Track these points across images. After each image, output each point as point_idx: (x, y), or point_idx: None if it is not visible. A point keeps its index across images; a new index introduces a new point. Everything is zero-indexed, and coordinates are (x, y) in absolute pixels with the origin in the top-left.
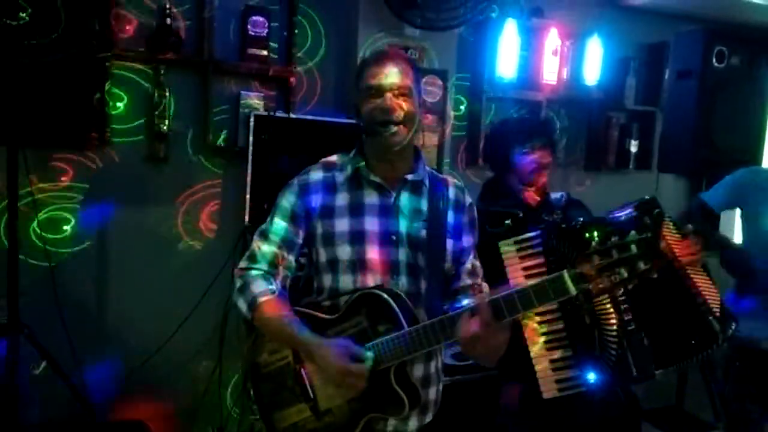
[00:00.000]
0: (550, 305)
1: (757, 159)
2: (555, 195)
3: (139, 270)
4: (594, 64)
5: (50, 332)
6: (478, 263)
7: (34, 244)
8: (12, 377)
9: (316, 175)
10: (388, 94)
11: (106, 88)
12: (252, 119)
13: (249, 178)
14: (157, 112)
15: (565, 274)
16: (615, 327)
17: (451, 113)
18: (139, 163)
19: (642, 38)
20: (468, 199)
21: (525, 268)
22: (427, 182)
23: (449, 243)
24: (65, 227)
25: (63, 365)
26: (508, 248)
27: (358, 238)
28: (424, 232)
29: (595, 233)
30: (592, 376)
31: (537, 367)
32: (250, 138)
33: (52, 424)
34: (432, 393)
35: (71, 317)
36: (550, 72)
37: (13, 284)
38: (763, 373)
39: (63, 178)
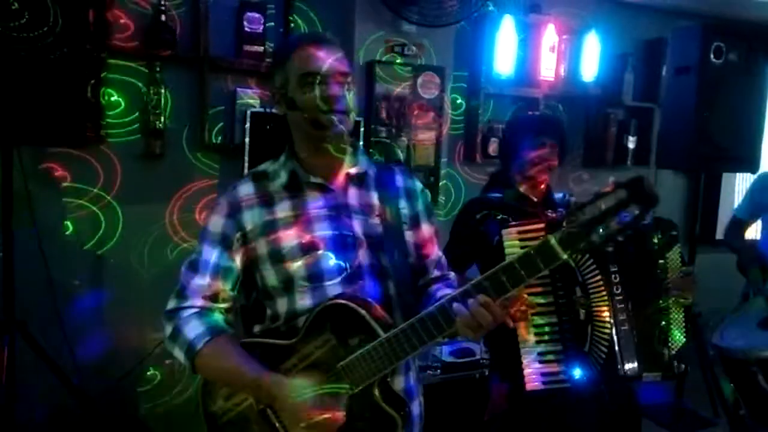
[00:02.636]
0: (548, 298)
1: (754, 155)
2: (558, 194)
3: (135, 267)
4: (592, 60)
5: (47, 330)
6: (440, 253)
7: (29, 241)
8: (10, 375)
9: (246, 189)
10: (332, 81)
11: (102, 85)
12: (248, 116)
13: None
14: (152, 109)
15: (551, 237)
16: (609, 324)
17: (449, 110)
18: (135, 160)
19: (640, 34)
20: (419, 184)
21: None
22: (372, 173)
23: (408, 235)
24: (61, 224)
25: (60, 363)
26: (511, 237)
27: (310, 248)
28: (380, 228)
29: None
30: (577, 372)
31: (524, 359)
32: (247, 135)
33: (49, 423)
34: (415, 407)
35: (68, 315)
36: (548, 68)
37: (9, 282)
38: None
39: (58, 176)
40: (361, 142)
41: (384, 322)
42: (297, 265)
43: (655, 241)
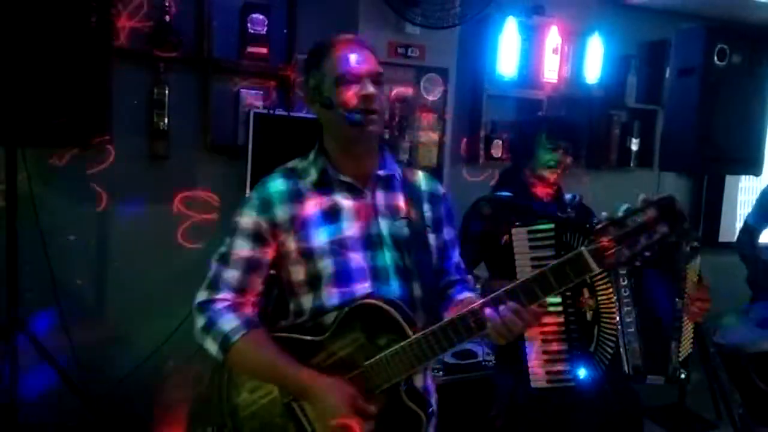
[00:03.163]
0: (555, 298)
1: (758, 157)
2: (568, 196)
3: (138, 268)
4: (595, 62)
5: (49, 330)
6: (460, 258)
7: (33, 241)
8: (12, 374)
9: (277, 185)
10: (367, 81)
11: (106, 86)
12: (252, 117)
13: (249, 177)
14: (156, 110)
15: (584, 250)
16: (615, 326)
17: (452, 111)
18: (139, 161)
19: (643, 36)
20: (441, 189)
21: (533, 258)
22: (398, 176)
23: (431, 238)
24: (64, 225)
25: (62, 363)
26: (520, 237)
27: (339, 246)
28: (406, 230)
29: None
30: (582, 372)
31: (530, 358)
32: (250, 136)
33: (51, 422)
34: (432, 405)
35: (71, 315)
36: (551, 70)
37: (12, 282)
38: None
39: (62, 177)
40: None
41: (412, 323)
42: (325, 263)
43: (681, 249)
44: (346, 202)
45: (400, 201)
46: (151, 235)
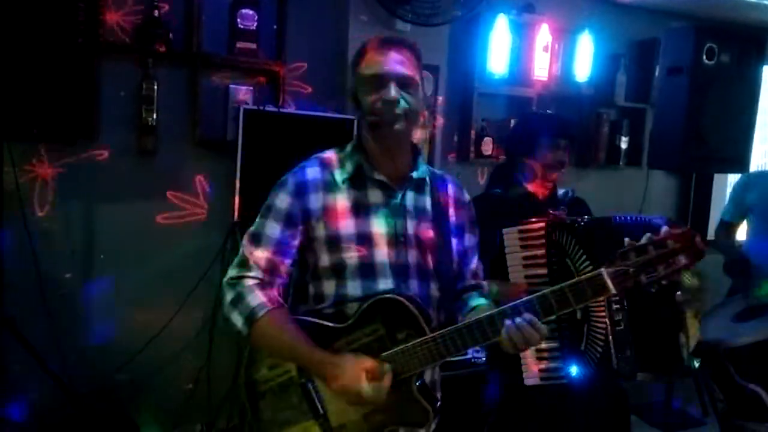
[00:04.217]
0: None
1: (745, 156)
2: (561, 191)
3: (126, 264)
4: (585, 60)
5: (36, 327)
6: (480, 264)
7: (19, 237)
8: None
9: (314, 173)
10: (392, 84)
11: (94, 80)
12: (241, 113)
13: (238, 173)
14: (145, 105)
15: (604, 272)
16: (605, 324)
17: (442, 109)
18: (127, 156)
19: (632, 35)
20: (467, 197)
21: (525, 258)
22: (428, 180)
23: (453, 242)
24: (51, 220)
25: (49, 360)
26: (511, 236)
27: (365, 240)
28: (431, 233)
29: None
30: (574, 370)
31: (523, 355)
32: (240, 132)
33: (38, 420)
34: (439, 399)
35: (56, 312)
36: (541, 68)
37: None
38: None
39: (49, 172)
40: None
41: (430, 322)
42: (351, 254)
43: None
44: (377, 200)
45: (428, 204)
46: (139, 230)
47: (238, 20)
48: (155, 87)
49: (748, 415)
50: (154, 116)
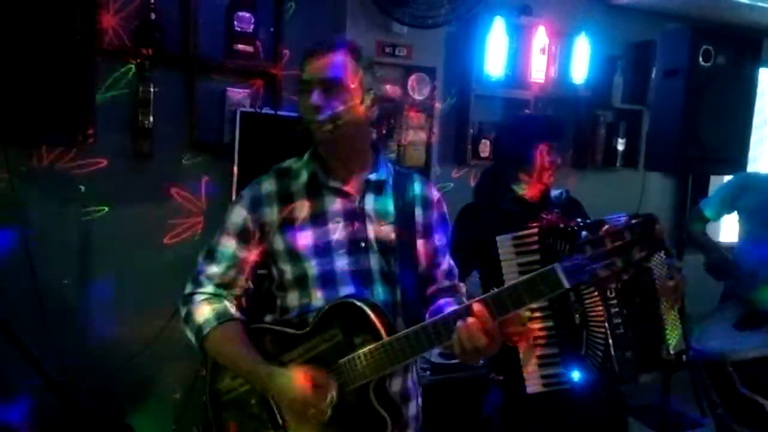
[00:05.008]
0: (542, 302)
1: (742, 157)
2: (555, 192)
3: (123, 267)
4: (582, 62)
5: (31, 329)
6: (452, 263)
7: (15, 239)
8: None
9: (269, 185)
10: (316, 90)
11: (90, 83)
12: (238, 116)
13: (235, 176)
14: (141, 108)
15: (557, 266)
16: (604, 329)
17: (439, 111)
18: (123, 159)
19: (629, 37)
20: (436, 194)
21: (520, 264)
22: (390, 180)
23: (420, 243)
24: (47, 223)
25: (44, 363)
26: (505, 244)
27: (324, 249)
28: (393, 235)
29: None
30: (576, 375)
31: (523, 362)
32: (236, 135)
33: (33, 423)
34: (412, 408)
35: (52, 315)
36: (538, 70)
37: None
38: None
39: (45, 175)
40: None
41: (388, 327)
42: (311, 265)
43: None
44: (334, 206)
45: (390, 206)
46: (135, 233)
47: (235, 23)
48: (152, 90)
49: (748, 422)
50: (151, 119)
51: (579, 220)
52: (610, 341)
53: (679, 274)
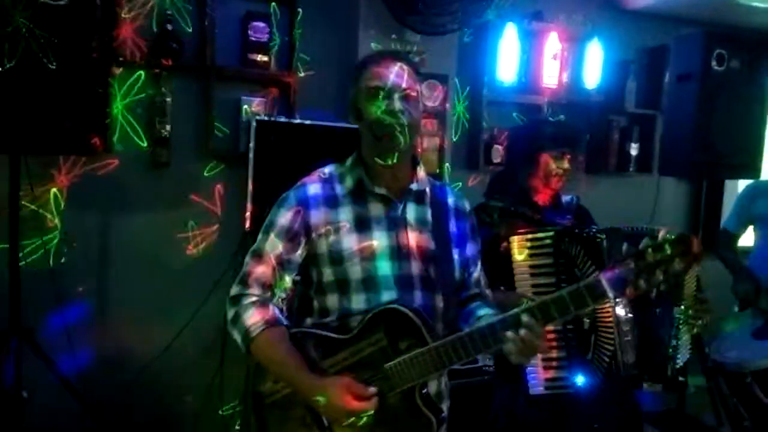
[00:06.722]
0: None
1: (756, 162)
2: (566, 198)
3: (140, 275)
4: (594, 67)
5: (52, 338)
6: (482, 271)
7: (36, 249)
8: (17, 383)
9: (315, 188)
10: (396, 96)
11: (108, 93)
12: (253, 124)
13: (250, 184)
14: (158, 118)
15: (603, 278)
16: (612, 334)
17: (452, 117)
18: (141, 168)
19: (642, 42)
20: (467, 206)
21: (532, 266)
22: (428, 190)
23: (455, 252)
24: (67, 232)
25: (65, 370)
26: (519, 245)
27: (367, 254)
28: (432, 244)
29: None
30: (580, 379)
31: (528, 365)
32: (252, 143)
33: (55, 430)
34: (444, 409)
35: (73, 323)
36: (551, 76)
37: (15, 289)
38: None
39: (65, 184)
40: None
41: (432, 331)
42: (354, 269)
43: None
44: (378, 213)
45: (429, 215)
46: (153, 242)
47: (250, 32)
48: (169, 99)
49: None
50: (168, 128)
51: (593, 227)
52: (618, 348)
53: (703, 314)
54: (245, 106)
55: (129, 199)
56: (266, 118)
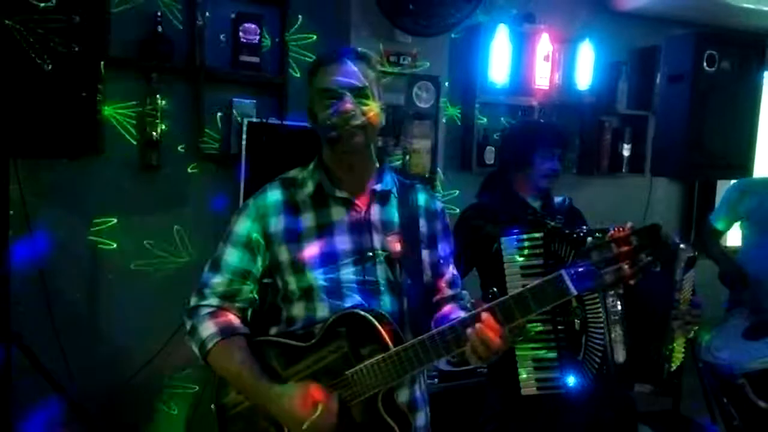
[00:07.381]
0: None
1: (748, 162)
2: (558, 199)
3: (131, 279)
4: (586, 68)
5: (41, 341)
6: (456, 272)
7: (25, 252)
8: (7, 387)
9: (275, 195)
10: (347, 97)
11: (98, 96)
12: (245, 126)
13: (242, 186)
14: (149, 120)
15: (564, 273)
16: (603, 335)
17: (444, 119)
18: (131, 170)
19: (633, 43)
20: (439, 205)
21: (523, 267)
22: (395, 191)
23: (424, 253)
24: (57, 236)
25: (55, 374)
26: (509, 245)
27: (330, 260)
28: (399, 246)
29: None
30: (571, 380)
31: (520, 365)
32: (243, 145)
33: None
34: (421, 419)
35: (63, 327)
36: (542, 77)
37: (4, 293)
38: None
39: (55, 187)
40: None
41: (395, 336)
42: (316, 275)
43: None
44: (340, 217)
45: (395, 217)
46: (144, 245)
47: (241, 34)
48: (159, 101)
49: None
50: (158, 130)
51: (584, 227)
52: (609, 348)
53: (697, 319)
54: (236, 109)
55: (120, 202)
56: (257, 120)
